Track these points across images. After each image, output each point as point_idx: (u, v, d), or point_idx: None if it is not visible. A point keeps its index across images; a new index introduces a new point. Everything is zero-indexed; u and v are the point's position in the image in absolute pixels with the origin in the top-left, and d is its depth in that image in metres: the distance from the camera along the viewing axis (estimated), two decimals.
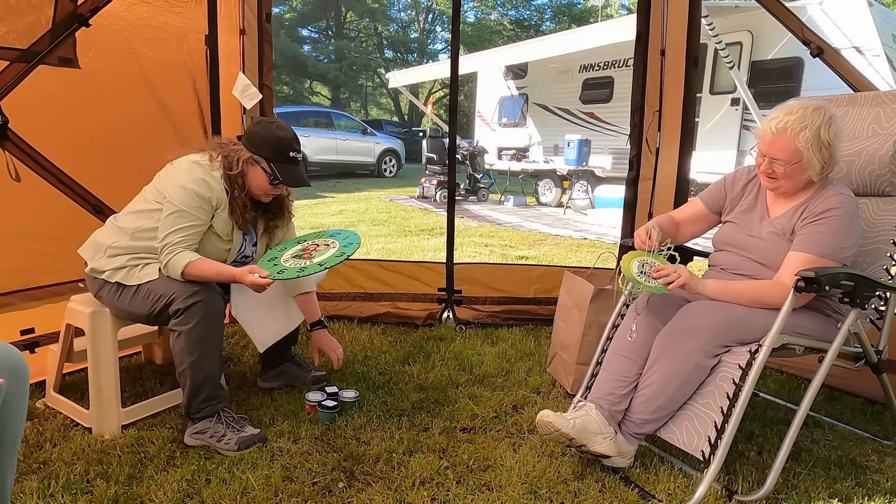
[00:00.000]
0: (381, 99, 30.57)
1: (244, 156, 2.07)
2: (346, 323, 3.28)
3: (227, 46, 3.00)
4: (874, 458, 2.06)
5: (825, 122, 1.77)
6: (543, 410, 1.85)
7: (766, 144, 1.84)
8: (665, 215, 2.21)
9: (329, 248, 2.10)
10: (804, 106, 1.80)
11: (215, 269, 1.99)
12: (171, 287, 1.96)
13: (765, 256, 1.89)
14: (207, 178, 2.01)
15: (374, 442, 2.03)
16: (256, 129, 2.12)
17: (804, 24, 2.82)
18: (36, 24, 2.31)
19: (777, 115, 1.82)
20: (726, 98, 8.50)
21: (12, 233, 2.35)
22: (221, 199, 2.05)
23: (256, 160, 2.07)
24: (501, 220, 8.45)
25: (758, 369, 1.67)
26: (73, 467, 1.82)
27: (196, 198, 1.98)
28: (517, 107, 12.60)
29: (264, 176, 2.08)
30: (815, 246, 1.77)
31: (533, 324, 3.38)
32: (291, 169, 2.11)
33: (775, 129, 1.80)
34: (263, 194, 2.14)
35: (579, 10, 27.82)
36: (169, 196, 1.98)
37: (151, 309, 1.97)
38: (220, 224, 2.06)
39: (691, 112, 3.18)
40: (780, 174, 1.83)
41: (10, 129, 2.29)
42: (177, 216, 1.96)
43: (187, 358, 1.94)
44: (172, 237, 1.96)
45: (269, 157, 2.07)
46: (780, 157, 1.81)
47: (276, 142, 2.09)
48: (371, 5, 25.34)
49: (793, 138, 1.77)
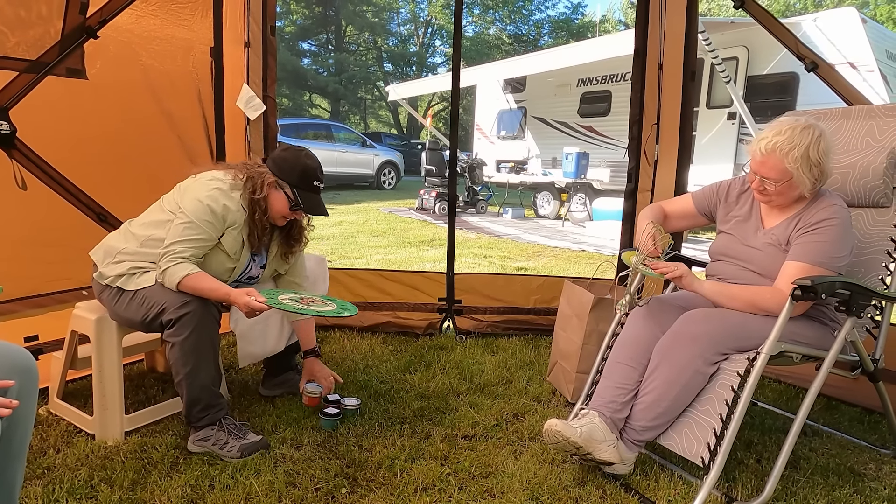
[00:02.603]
0: (381, 111, 30.76)
1: (269, 179, 2.09)
2: (347, 332, 3.29)
3: (231, 58, 3.06)
4: (872, 467, 2.08)
5: (814, 140, 1.79)
6: (550, 419, 1.86)
7: (756, 164, 1.87)
8: (656, 206, 2.23)
9: (326, 306, 2.06)
10: (793, 126, 1.81)
11: (210, 286, 1.97)
12: (163, 296, 1.95)
13: (761, 266, 1.92)
14: (225, 195, 2.03)
15: (377, 449, 2.04)
16: (285, 156, 2.14)
17: (799, 40, 2.88)
18: (45, 35, 2.35)
19: (766, 134, 1.84)
20: (723, 112, 8.59)
21: (18, 240, 2.37)
22: (236, 219, 2.05)
23: (280, 185, 2.10)
24: (500, 231, 8.49)
25: (756, 376, 1.69)
26: (77, 473, 1.82)
27: (209, 212, 1.99)
28: (516, 120, 12.70)
29: (286, 201, 2.11)
30: (811, 255, 1.80)
31: (532, 334, 3.40)
32: (313, 197, 2.14)
33: (764, 149, 1.83)
34: (280, 217, 2.16)
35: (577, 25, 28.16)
36: (183, 207, 2.00)
37: (145, 316, 1.98)
38: (229, 242, 2.07)
39: (688, 125, 3.23)
40: (771, 192, 1.87)
41: (17, 138, 2.32)
42: (186, 227, 1.98)
43: (182, 369, 1.95)
44: (176, 246, 1.97)
45: (293, 184, 2.10)
46: (769, 176, 1.84)
47: (304, 169, 2.12)
48: (371, 19, 25.59)
49: (782, 158, 1.80)
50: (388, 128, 29.72)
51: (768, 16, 2.97)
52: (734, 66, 8.31)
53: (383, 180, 15.24)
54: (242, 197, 2.06)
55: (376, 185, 15.03)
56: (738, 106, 7.54)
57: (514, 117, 12.75)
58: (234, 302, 1.97)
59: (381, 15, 26.44)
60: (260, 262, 2.25)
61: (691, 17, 3.10)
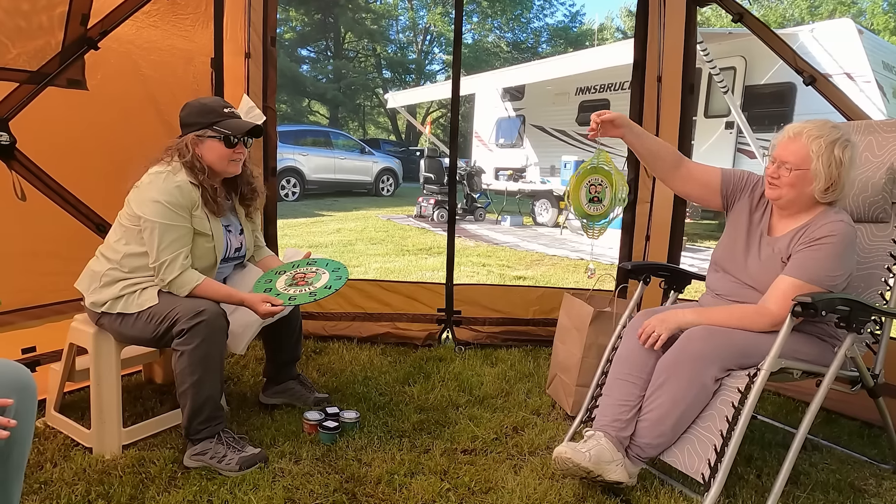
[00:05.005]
0: (379, 118, 30.82)
1: (189, 138, 2.08)
2: (345, 343, 3.28)
3: (232, 69, 3.06)
4: (872, 482, 2.07)
5: (842, 140, 1.81)
6: (558, 447, 1.85)
7: (779, 147, 1.88)
8: (673, 150, 2.14)
9: (321, 279, 2.14)
10: (826, 121, 1.86)
11: (225, 292, 2.02)
12: (174, 308, 1.95)
13: (759, 282, 1.91)
14: (170, 180, 2.00)
15: (376, 463, 2.03)
16: (184, 112, 2.13)
17: (797, 54, 2.90)
18: (46, 47, 2.35)
19: (797, 123, 1.87)
20: (721, 121, 8.63)
21: (17, 251, 2.36)
22: (194, 197, 2.03)
23: (200, 134, 2.08)
24: (499, 239, 8.49)
25: (756, 393, 1.69)
26: (74, 488, 1.81)
27: (171, 207, 1.97)
28: (514, 128, 12.74)
29: (217, 143, 2.08)
30: (805, 272, 1.79)
31: (532, 345, 3.39)
32: (234, 122, 2.11)
33: (792, 133, 1.86)
34: (228, 163, 2.11)
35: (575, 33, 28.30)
36: (145, 215, 1.97)
37: (154, 332, 1.98)
38: (199, 222, 2.06)
39: (688, 136, 3.24)
40: (784, 180, 1.85)
41: (17, 149, 2.31)
42: (161, 231, 1.96)
43: (189, 378, 1.94)
44: (165, 253, 1.96)
45: (208, 123, 2.08)
46: (789, 159, 1.84)
47: (202, 107, 2.11)
48: (370, 27, 25.67)
49: (806, 144, 1.81)
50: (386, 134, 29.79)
51: (766, 29, 2.98)
52: (732, 76, 8.36)
53: (382, 187, 15.25)
54: (184, 172, 2.05)
55: (375, 191, 15.05)
56: (736, 115, 7.58)
57: (512, 125, 12.79)
58: (254, 308, 2.01)
59: (381, 22, 26.55)
60: (236, 230, 2.24)
61: (690, 30, 3.12)
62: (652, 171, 2.23)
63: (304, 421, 2.25)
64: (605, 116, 2.03)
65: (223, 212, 2.16)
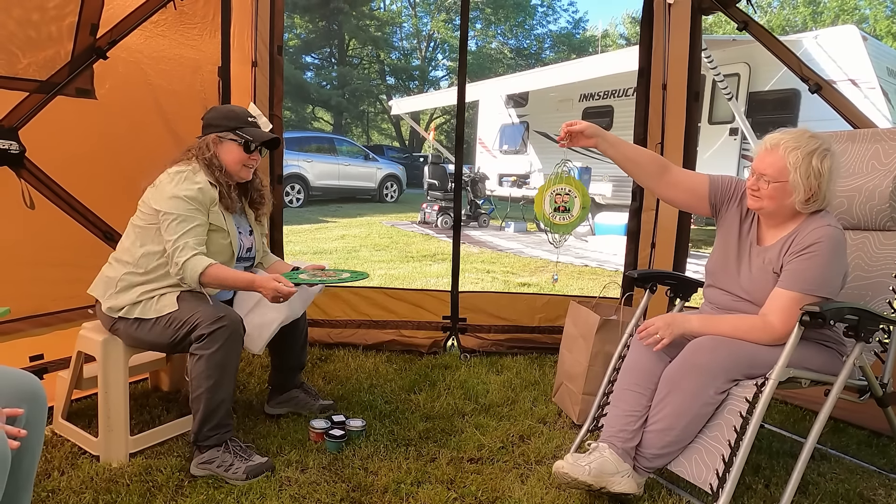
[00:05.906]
0: (383, 124, 30.89)
1: (210, 138, 2.17)
2: (351, 350, 3.29)
3: (239, 78, 3.08)
4: (881, 492, 2.06)
5: (820, 151, 1.78)
6: (558, 462, 1.84)
7: (757, 159, 1.87)
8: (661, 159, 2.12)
9: (342, 275, 2.31)
10: (803, 131, 1.83)
11: (234, 275, 2.06)
12: (195, 314, 1.97)
13: (754, 296, 1.90)
14: (191, 179, 2.07)
15: (382, 472, 2.03)
16: (210, 114, 2.24)
17: (802, 61, 2.90)
18: (56, 56, 2.38)
19: (776, 133, 1.85)
20: (725, 128, 8.63)
21: (25, 259, 2.38)
22: (214, 197, 2.10)
23: (221, 136, 2.17)
24: (503, 246, 8.49)
25: (765, 403, 1.68)
26: (81, 496, 1.81)
27: (189, 200, 2.02)
28: (518, 134, 12.76)
29: (235, 147, 2.17)
30: (802, 283, 1.77)
31: (537, 352, 3.39)
32: (255, 130, 2.21)
33: (770, 144, 1.84)
34: (242, 168, 2.19)
35: (579, 39, 28.35)
36: (163, 209, 2.01)
37: (173, 337, 1.99)
38: (214, 217, 2.11)
39: (693, 143, 3.24)
40: (763, 192, 1.84)
41: (27, 158, 2.33)
42: (179, 222, 2.00)
43: (205, 382, 1.94)
44: (182, 240, 1.99)
45: (230, 128, 2.17)
46: (767, 172, 1.82)
47: (228, 112, 2.24)
48: (374, 34, 25.77)
49: (783, 155, 1.79)
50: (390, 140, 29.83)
51: (771, 37, 2.99)
52: (736, 82, 8.36)
53: (386, 193, 15.27)
54: (203, 172, 2.12)
55: (379, 198, 15.06)
56: (740, 122, 7.57)
57: (516, 132, 12.80)
58: (261, 287, 2.02)
59: (384, 29, 26.64)
60: (246, 232, 2.30)
61: (695, 38, 3.13)
62: (633, 178, 2.22)
63: (310, 429, 2.25)
64: (575, 127, 2.04)
65: (235, 206, 2.23)
